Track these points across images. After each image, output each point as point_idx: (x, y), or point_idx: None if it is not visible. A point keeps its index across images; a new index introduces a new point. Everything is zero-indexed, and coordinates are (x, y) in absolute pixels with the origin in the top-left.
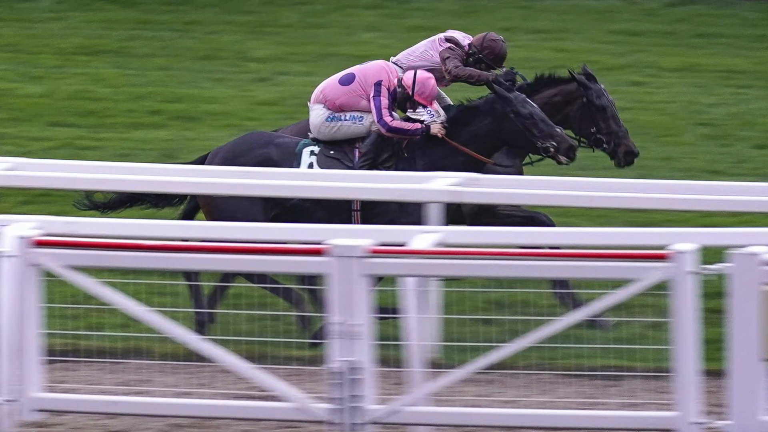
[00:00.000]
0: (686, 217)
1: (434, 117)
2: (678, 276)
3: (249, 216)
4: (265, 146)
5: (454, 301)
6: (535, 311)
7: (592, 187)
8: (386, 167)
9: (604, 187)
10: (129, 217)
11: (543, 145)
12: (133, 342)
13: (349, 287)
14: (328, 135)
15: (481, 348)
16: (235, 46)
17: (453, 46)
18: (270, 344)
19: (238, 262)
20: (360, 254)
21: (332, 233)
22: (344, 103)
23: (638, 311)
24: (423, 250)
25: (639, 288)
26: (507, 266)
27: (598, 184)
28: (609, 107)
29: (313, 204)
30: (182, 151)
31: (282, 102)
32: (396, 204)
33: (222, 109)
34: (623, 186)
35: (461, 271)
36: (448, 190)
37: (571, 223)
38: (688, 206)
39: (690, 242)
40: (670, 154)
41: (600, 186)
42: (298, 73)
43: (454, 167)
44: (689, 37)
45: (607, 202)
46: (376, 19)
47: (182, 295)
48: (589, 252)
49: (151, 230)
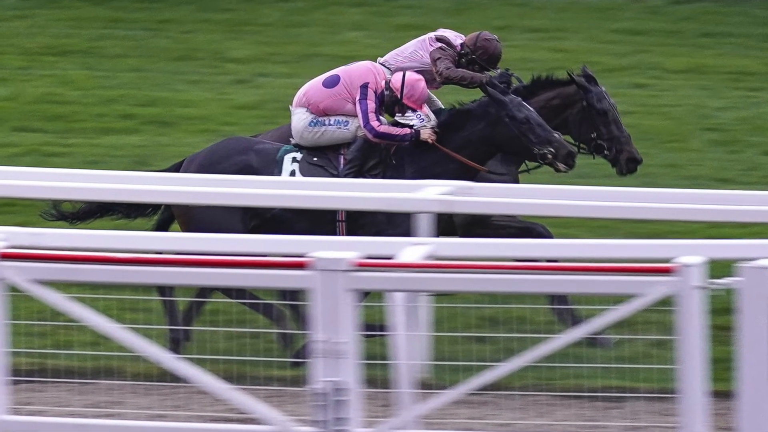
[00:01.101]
0: (692, 228)
1: (424, 121)
2: (684, 291)
3: (227, 227)
4: (244, 153)
5: (446, 318)
6: (532, 328)
7: (592, 196)
8: (373, 175)
9: (605, 196)
10: (99, 228)
11: (540, 151)
12: (103, 361)
13: (334, 303)
14: (312, 141)
15: (474, 367)
16: (212, 46)
17: (444, 46)
18: (249, 363)
19: (215, 276)
20: (345, 268)
21: (315, 245)
22: (328, 107)
23: (641, 328)
24: (412, 264)
25: (642, 304)
26: (502, 280)
27: (599, 193)
28: (610, 111)
29: (295, 214)
30: (156, 158)
31: (262, 105)
32: (383, 214)
33: (198, 113)
34: (625, 195)
35: (453, 285)
36: (438, 199)
37: (570, 234)
38: (695, 216)
39: (697, 255)
40: (676, 161)
41: (601, 195)
42: (280, 75)
43: (445, 175)
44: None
45: (608, 212)
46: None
47: (156, 311)
48: (589, 265)
49: (123, 242)
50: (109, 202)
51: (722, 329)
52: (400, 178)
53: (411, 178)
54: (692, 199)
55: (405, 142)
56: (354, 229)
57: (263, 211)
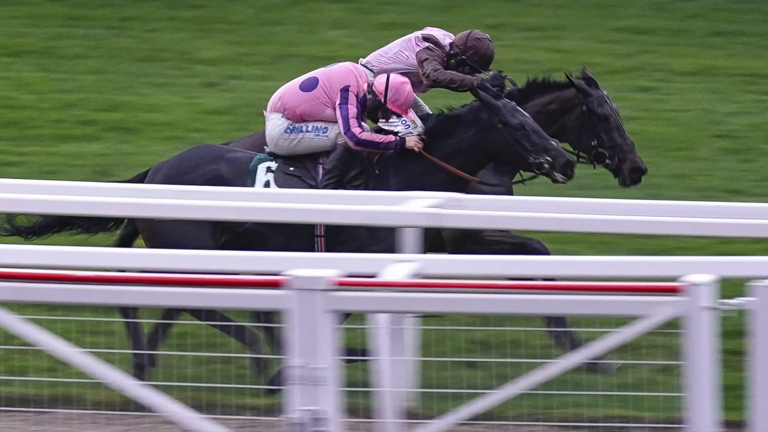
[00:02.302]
0: (702, 244)
1: (410, 128)
2: (692, 312)
3: (195, 243)
4: (215, 162)
5: (433, 341)
6: (527, 353)
7: (592, 209)
8: (354, 186)
9: (607, 209)
10: (57, 243)
11: (536, 160)
12: (61, 388)
13: (312, 325)
14: (288, 149)
15: (464, 395)
16: (179, 46)
17: (431, 46)
18: (220, 391)
19: (182, 296)
20: (324, 287)
21: (292, 262)
22: (306, 112)
23: (646, 353)
24: (397, 282)
25: (647, 326)
26: (494, 301)
27: (600, 205)
28: (612, 117)
29: (269, 229)
30: (118, 168)
31: (234, 110)
32: (366, 229)
33: (164, 119)
34: (628, 208)
35: (441, 306)
36: (426, 212)
37: (569, 251)
38: (704, 231)
39: (706, 273)
40: (683, 170)
41: (602, 208)
42: (253, 77)
43: (432, 186)
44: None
45: (609, 226)
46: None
47: (118, 334)
48: (590, 284)
49: (83, 259)
50: (67, 215)
51: (734, 354)
52: (384, 189)
53: (395, 189)
54: (701, 212)
55: (389, 151)
56: (334, 245)
57: (235, 225)
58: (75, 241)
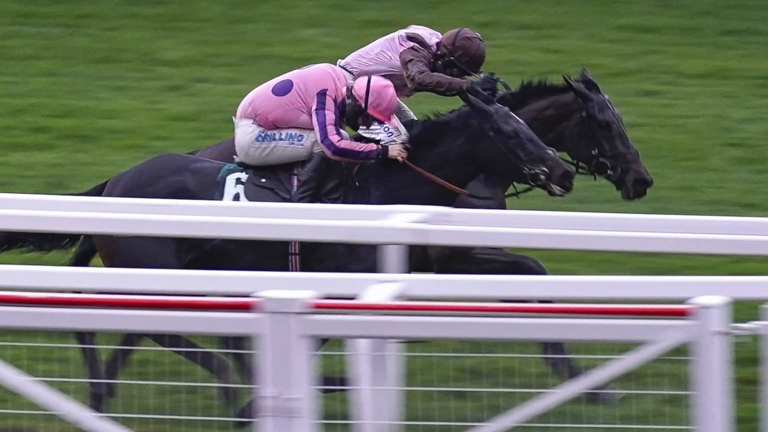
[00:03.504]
0: (712, 263)
1: (393, 135)
2: (702, 337)
3: (158, 261)
4: (179, 173)
5: (419, 369)
6: (522, 382)
7: (593, 224)
8: (332, 199)
9: (609, 224)
10: (6, 262)
11: (531, 171)
12: (11, 420)
13: (286, 351)
14: (259, 158)
15: (452, 428)
16: (140, 46)
17: (417, 46)
18: (185, 423)
19: (144, 320)
20: (299, 309)
21: (264, 283)
22: (279, 118)
23: (652, 382)
24: (379, 305)
25: (653, 352)
26: (485, 325)
27: (601, 220)
28: (614, 123)
29: (239, 246)
30: (74, 179)
31: (200, 116)
32: (344, 246)
33: (124, 126)
34: (632, 223)
35: (427, 331)
36: (410, 228)
37: (567, 270)
38: (715, 248)
39: (717, 294)
40: (693, 182)
41: (603, 223)
42: (221, 80)
43: (418, 199)
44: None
45: (611, 243)
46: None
47: (74, 361)
48: (590, 307)
49: (35, 279)
50: (17, 231)
51: (747, 383)
52: (365, 202)
53: (377, 202)
54: (712, 227)
55: (370, 160)
56: (310, 264)
57: (201, 242)
58: (26, 260)
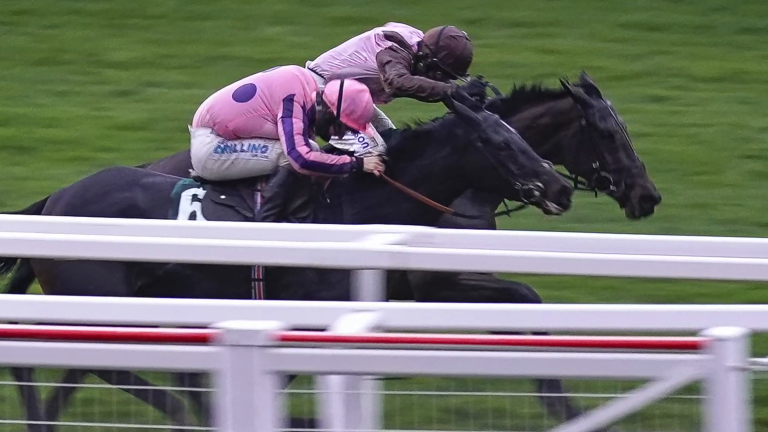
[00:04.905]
0: (728, 290)
1: (369, 146)
2: (716, 373)
3: (105, 288)
4: (128, 188)
5: (398, 410)
6: (513, 423)
7: (593, 246)
8: (300, 218)
9: (611, 246)
10: None
11: (524, 186)
12: None
13: (248, 389)
14: (218, 172)
15: None
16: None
17: (396, 46)
18: None
19: (88, 354)
20: (263, 342)
21: (224, 312)
22: (241, 127)
23: (660, 424)
24: (353, 337)
25: (661, 391)
26: (473, 360)
27: (603, 242)
28: (618, 133)
29: (196, 271)
30: (9, 195)
31: (152, 125)
32: (314, 271)
33: (66, 136)
34: (638, 245)
35: (407, 366)
36: (388, 250)
37: (565, 298)
38: (731, 274)
39: (733, 325)
40: (706, 199)
41: (605, 245)
42: (175, 85)
43: (397, 218)
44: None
45: (614, 267)
46: (285, 6)
47: (9, 399)
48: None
49: None
50: None
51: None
52: (337, 222)
53: (351, 221)
54: (728, 250)
55: (343, 174)
56: (275, 291)
57: (153, 266)
58: None
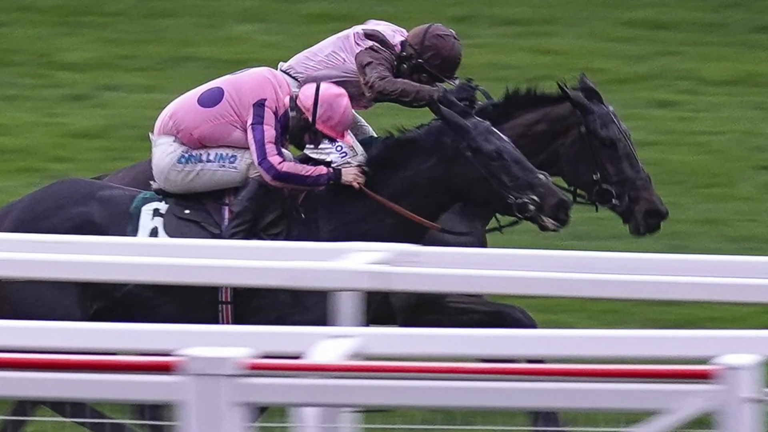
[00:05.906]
0: (742, 314)
1: (347, 156)
2: (729, 405)
3: (57, 311)
4: (83, 202)
5: None
6: None
7: (594, 266)
8: (272, 235)
9: (614, 266)
10: None
11: (518, 200)
12: None
13: (215, 422)
14: (182, 185)
15: None
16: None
17: (377, 46)
18: None
19: (40, 384)
20: (231, 371)
21: (188, 338)
22: (207, 135)
23: None
24: (329, 365)
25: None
26: (461, 390)
27: (604, 261)
28: (621, 141)
29: (158, 293)
30: None
31: (109, 133)
32: (288, 293)
33: (15, 144)
34: (643, 264)
35: (390, 397)
36: (369, 270)
37: (562, 322)
38: (745, 296)
39: (748, 352)
40: (717, 213)
41: (607, 264)
42: (135, 88)
43: (378, 234)
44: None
45: (617, 289)
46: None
47: None
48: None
49: None
50: None
51: None
52: (313, 238)
53: (329, 239)
54: (741, 269)
55: (319, 187)
56: (244, 315)
57: (111, 288)
58: None
